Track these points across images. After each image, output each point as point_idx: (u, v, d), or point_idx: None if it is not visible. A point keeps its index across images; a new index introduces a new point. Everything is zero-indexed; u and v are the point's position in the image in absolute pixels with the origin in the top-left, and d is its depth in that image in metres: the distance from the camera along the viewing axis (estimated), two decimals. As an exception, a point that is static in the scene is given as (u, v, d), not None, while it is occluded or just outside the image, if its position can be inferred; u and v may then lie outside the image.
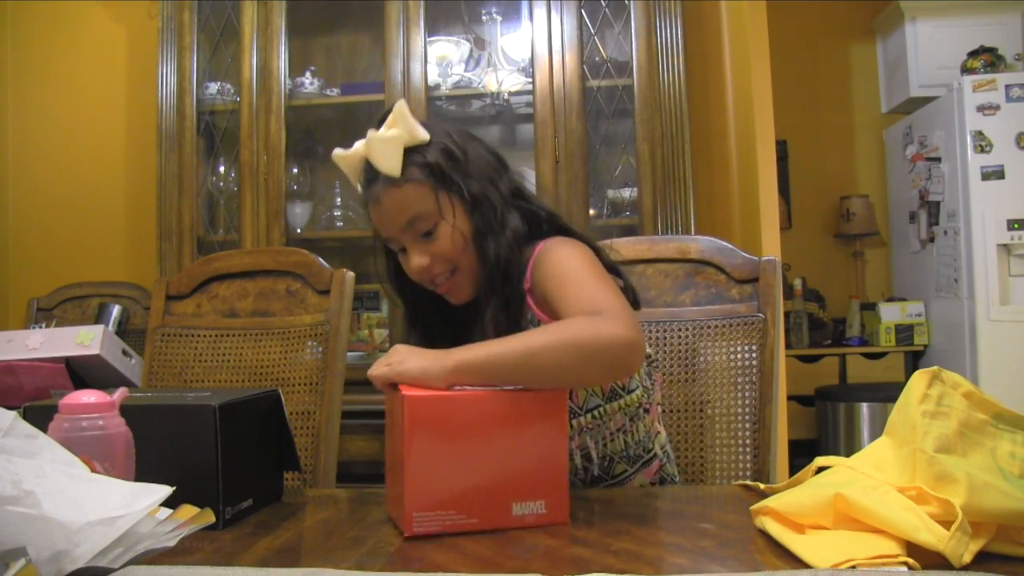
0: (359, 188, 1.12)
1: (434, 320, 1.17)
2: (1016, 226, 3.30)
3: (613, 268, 1.13)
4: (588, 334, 0.91)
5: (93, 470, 0.77)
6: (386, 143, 1.06)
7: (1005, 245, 3.32)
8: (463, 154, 1.09)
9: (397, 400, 0.87)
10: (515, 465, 0.86)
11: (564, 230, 1.14)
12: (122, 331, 2.46)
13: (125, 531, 0.67)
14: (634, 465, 1.15)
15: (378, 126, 1.10)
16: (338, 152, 1.12)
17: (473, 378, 0.89)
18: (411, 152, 1.06)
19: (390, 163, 1.05)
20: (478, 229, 1.08)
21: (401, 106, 1.08)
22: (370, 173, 1.08)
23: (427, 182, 1.07)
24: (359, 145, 1.09)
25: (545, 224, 1.14)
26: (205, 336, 1.52)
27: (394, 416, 0.89)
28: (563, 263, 1.05)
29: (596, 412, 1.12)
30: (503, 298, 1.07)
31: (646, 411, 1.16)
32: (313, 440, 1.37)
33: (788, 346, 3.78)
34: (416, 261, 1.07)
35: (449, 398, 0.87)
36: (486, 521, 0.84)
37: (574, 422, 1.11)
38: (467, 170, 1.09)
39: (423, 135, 1.08)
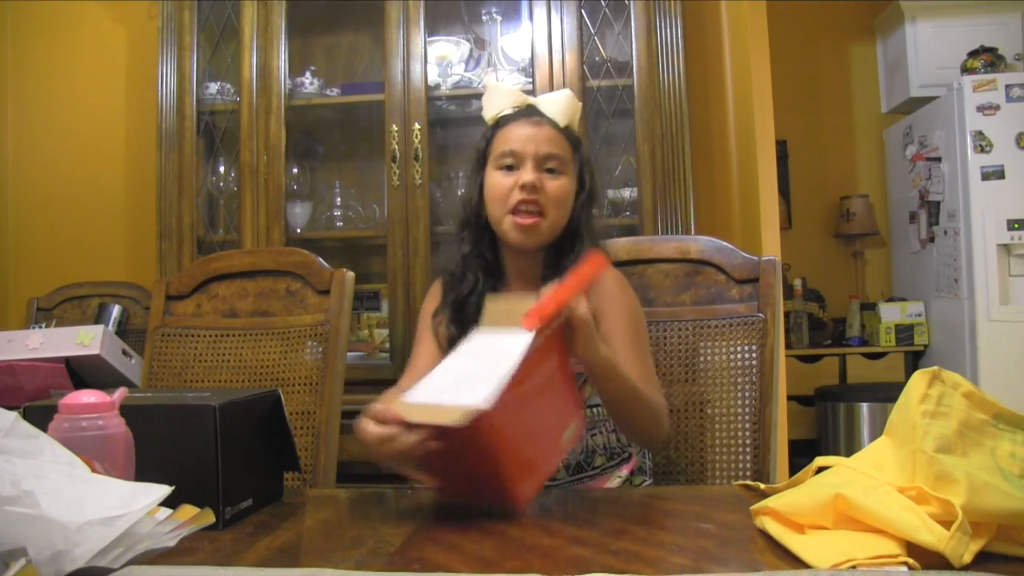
0: (491, 113, 1.27)
1: (485, 257, 1.27)
2: (1016, 226, 3.30)
3: None
4: (663, 416, 1.15)
5: (93, 470, 0.77)
6: (569, 100, 1.26)
7: (1005, 245, 3.32)
8: (591, 165, 1.30)
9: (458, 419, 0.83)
10: (556, 401, 0.96)
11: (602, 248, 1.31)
12: (122, 331, 2.46)
13: (124, 531, 0.67)
14: (612, 460, 1.25)
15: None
16: (503, 84, 1.29)
17: (601, 371, 1.05)
18: (568, 128, 1.26)
19: (564, 114, 1.24)
20: (583, 216, 1.25)
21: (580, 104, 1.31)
22: (533, 109, 1.25)
23: (573, 146, 1.25)
24: (525, 95, 1.28)
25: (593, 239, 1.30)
26: (205, 336, 1.52)
27: (458, 438, 0.85)
28: (637, 327, 1.23)
29: (595, 410, 1.22)
30: (561, 269, 1.19)
31: None
32: (313, 440, 1.37)
33: (788, 346, 3.78)
34: (528, 176, 1.19)
35: (508, 396, 0.85)
36: (554, 462, 0.94)
37: None
38: (591, 169, 1.29)
39: (577, 132, 1.28)
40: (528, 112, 1.24)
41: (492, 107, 1.26)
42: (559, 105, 1.24)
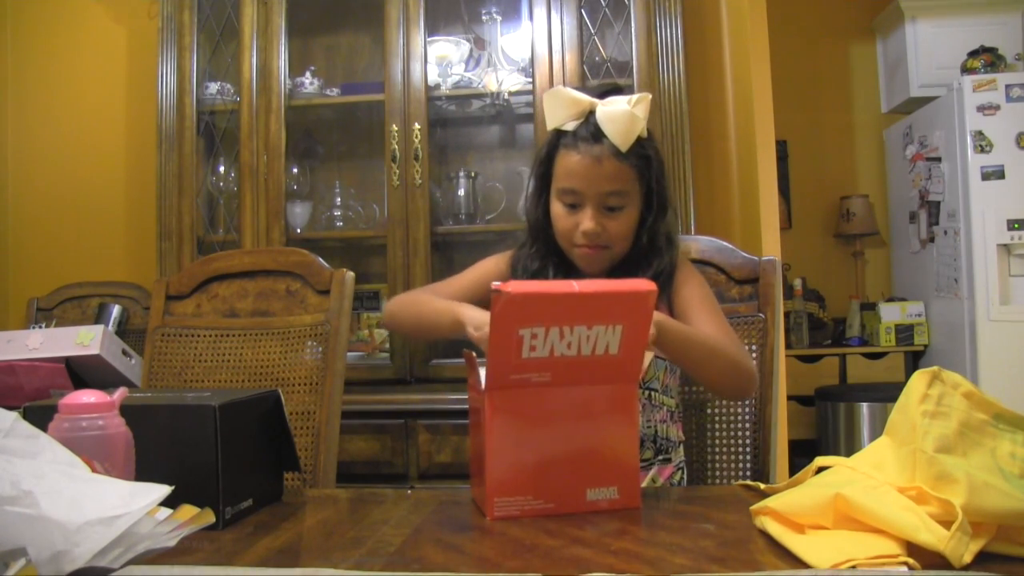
0: (553, 123, 1.19)
1: (551, 264, 1.26)
2: (1016, 226, 3.30)
3: None
4: (746, 363, 1.17)
5: (93, 470, 0.77)
6: (631, 120, 1.15)
7: (1005, 245, 3.32)
8: (661, 161, 1.23)
9: (478, 390, 0.90)
10: (589, 452, 0.90)
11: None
12: (122, 331, 2.46)
13: (124, 531, 0.67)
14: (657, 456, 1.24)
15: (601, 96, 1.18)
16: (564, 90, 1.19)
17: (667, 336, 1.06)
18: (633, 148, 1.17)
19: (625, 137, 1.15)
20: (654, 232, 1.22)
21: (649, 96, 1.18)
22: (594, 129, 1.16)
23: (638, 170, 1.18)
24: (587, 99, 1.18)
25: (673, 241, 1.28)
26: (205, 336, 1.52)
27: (476, 408, 0.93)
28: (709, 295, 1.25)
29: (650, 394, 1.24)
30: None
31: (675, 420, 1.28)
32: (313, 440, 1.37)
33: (788, 346, 3.78)
34: (589, 225, 1.18)
35: (525, 391, 0.88)
36: (562, 506, 0.89)
37: None
38: (660, 176, 1.22)
39: (646, 131, 1.19)
40: (588, 137, 1.16)
41: (553, 117, 1.20)
42: (620, 125, 1.14)
